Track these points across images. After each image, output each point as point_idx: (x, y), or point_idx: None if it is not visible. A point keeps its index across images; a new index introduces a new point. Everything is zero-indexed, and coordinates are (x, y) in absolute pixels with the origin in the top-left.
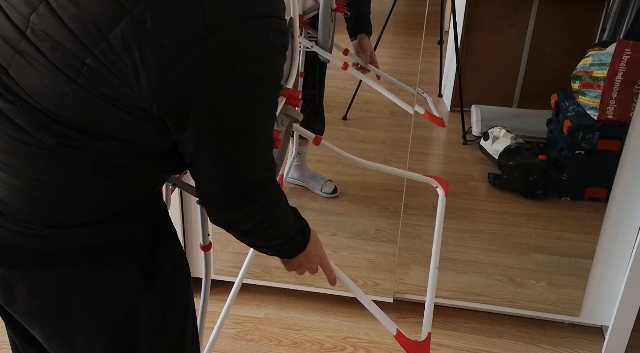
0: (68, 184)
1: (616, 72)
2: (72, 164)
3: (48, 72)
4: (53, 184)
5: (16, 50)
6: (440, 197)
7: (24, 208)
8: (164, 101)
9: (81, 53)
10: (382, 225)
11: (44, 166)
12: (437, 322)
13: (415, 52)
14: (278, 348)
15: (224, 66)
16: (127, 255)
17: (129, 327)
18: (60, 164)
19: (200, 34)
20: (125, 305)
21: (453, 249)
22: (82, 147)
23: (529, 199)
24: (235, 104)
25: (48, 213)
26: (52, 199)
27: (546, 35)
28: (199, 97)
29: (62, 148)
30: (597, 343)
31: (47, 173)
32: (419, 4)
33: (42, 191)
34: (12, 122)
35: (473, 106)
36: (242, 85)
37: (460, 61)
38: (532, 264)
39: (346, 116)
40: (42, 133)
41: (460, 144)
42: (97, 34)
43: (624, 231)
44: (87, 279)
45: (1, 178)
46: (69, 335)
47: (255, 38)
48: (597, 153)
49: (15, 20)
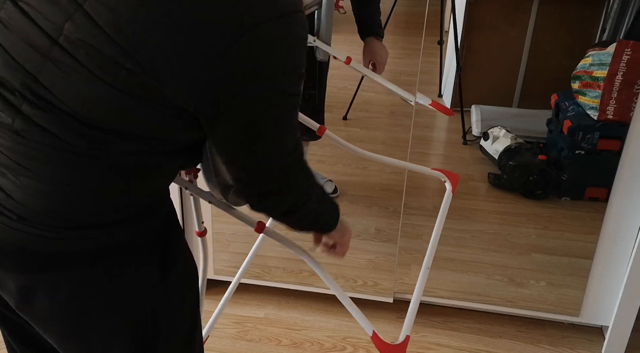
0: (95, 185)
1: (616, 72)
2: (101, 166)
3: (82, 78)
4: (80, 187)
5: (46, 57)
6: (447, 192)
7: (49, 211)
8: (202, 100)
9: (120, 58)
10: (382, 225)
11: (72, 169)
12: (437, 322)
13: (415, 52)
14: (278, 348)
15: (258, 63)
16: (143, 253)
17: (148, 324)
18: (88, 166)
19: (236, 34)
20: (144, 303)
21: (453, 249)
22: (113, 149)
23: (529, 199)
24: (268, 98)
25: (72, 215)
26: (77, 201)
27: (546, 35)
28: (235, 95)
29: (92, 151)
30: (597, 343)
31: (74, 176)
32: (419, 4)
33: (68, 194)
34: (41, 128)
35: (473, 106)
36: (275, 80)
37: (460, 61)
38: (532, 264)
39: (346, 116)
40: (73, 137)
41: (460, 144)
42: (135, 38)
43: (624, 231)
44: (105, 279)
45: (24, 183)
46: (87, 336)
47: (284, 34)
48: (597, 153)
49: (45, 28)
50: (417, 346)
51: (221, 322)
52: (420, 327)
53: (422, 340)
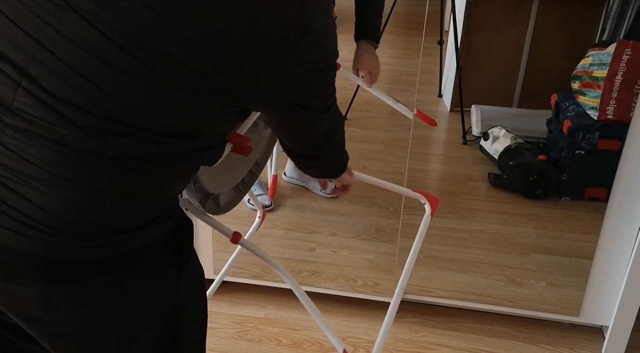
0: (132, 190)
1: (616, 72)
2: (137, 169)
3: (148, 84)
4: (117, 192)
5: (114, 67)
6: (426, 215)
7: (84, 220)
8: (270, 96)
9: (189, 60)
10: (382, 225)
11: (110, 175)
12: (437, 322)
13: (415, 52)
14: (278, 348)
15: (321, 53)
16: (161, 254)
17: (173, 323)
18: (125, 172)
19: (303, 27)
20: (165, 303)
21: (453, 249)
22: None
23: (529, 199)
24: (325, 82)
25: (107, 222)
26: (114, 207)
27: (546, 35)
28: (301, 85)
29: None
30: (597, 343)
31: (112, 181)
32: (419, 4)
33: (105, 201)
34: (96, 139)
35: (473, 106)
36: (330, 65)
37: (460, 61)
38: (532, 264)
39: (346, 116)
40: (125, 145)
41: (460, 144)
42: (206, 38)
43: (624, 231)
44: (127, 285)
45: (59, 193)
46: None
47: (330, 23)
48: (597, 153)
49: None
50: (417, 346)
51: (221, 322)
52: (420, 327)
53: (422, 340)
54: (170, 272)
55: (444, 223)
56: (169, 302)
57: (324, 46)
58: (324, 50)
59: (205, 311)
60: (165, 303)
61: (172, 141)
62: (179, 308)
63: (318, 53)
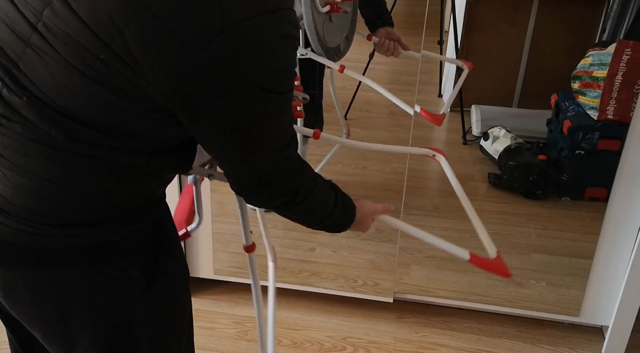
0: (75, 183)
1: (616, 72)
2: (80, 162)
3: (59, 66)
4: (59, 183)
5: (27, 44)
6: (443, 162)
7: (30, 206)
8: (179, 96)
9: (96, 48)
10: (382, 225)
11: (51, 164)
12: (437, 322)
13: (416, 52)
14: (278, 349)
15: (240, 60)
16: (129, 257)
17: (126, 330)
18: (67, 162)
19: (218, 29)
20: (123, 308)
21: None
22: (90, 142)
23: (529, 199)
24: (252, 96)
25: (53, 212)
26: (58, 198)
27: (546, 35)
28: (215, 91)
29: (71, 143)
30: (597, 343)
31: (54, 171)
32: (419, 4)
33: (48, 190)
34: (21, 116)
35: (473, 106)
36: (258, 78)
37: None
38: (532, 264)
39: (346, 116)
40: (50, 127)
41: (460, 144)
42: (113, 29)
43: (624, 231)
44: (88, 280)
45: (7, 176)
46: (67, 335)
47: (270, 31)
48: (597, 153)
49: (26, 14)
50: (417, 346)
51: (221, 322)
52: (420, 327)
53: (422, 340)
54: (137, 279)
55: (444, 223)
56: (129, 308)
57: (255, 55)
58: (256, 61)
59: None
60: (124, 308)
61: (87, 132)
62: (139, 318)
63: (246, 61)
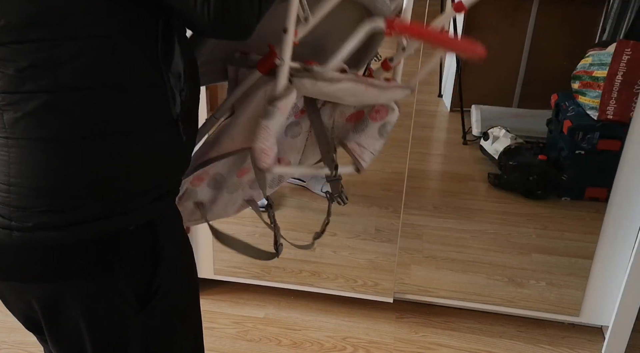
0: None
1: (616, 72)
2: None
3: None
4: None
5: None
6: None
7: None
8: None
9: None
10: (382, 225)
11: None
12: (437, 322)
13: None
14: (278, 348)
15: None
16: (123, 277)
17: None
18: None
19: None
20: (115, 329)
21: (453, 249)
22: (61, 48)
23: (529, 199)
24: None
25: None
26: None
27: (546, 35)
28: None
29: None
30: (597, 343)
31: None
32: (419, 4)
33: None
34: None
35: (473, 106)
36: None
37: (460, 61)
38: (532, 264)
39: None
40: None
41: (460, 144)
42: None
43: (624, 231)
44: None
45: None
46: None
47: None
48: (597, 153)
49: None
50: (417, 346)
51: (221, 322)
52: (420, 327)
53: (422, 340)
54: (130, 301)
55: (444, 223)
56: (118, 330)
57: None
58: None
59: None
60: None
61: (48, 34)
62: (130, 339)
63: None
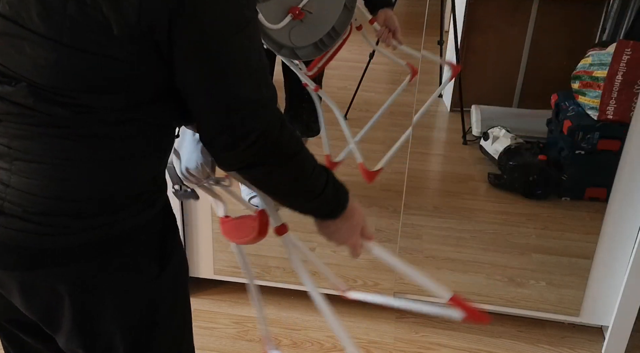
0: (88, 160)
1: (616, 72)
2: (89, 134)
3: (33, 45)
4: (67, 159)
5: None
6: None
7: (48, 193)
8: (150, 20)
9: (59, 5)
10: (382, 225)
11: (60, 141)
12: (437, 322)
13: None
14: (278, 348)
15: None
16: (142, 246)
17: (149, 317)
18: (79, 137)
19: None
20: (143, 296)
21: (453, 249)
22: (92, 109)
23: (529, 199)
24: (218, 8)
25: (71, 195)
26: (71, 178)
27: (546, 35)
28: (181, 4)
29: (75, 116)
30: (597, 343)
31: (62, 148)
32: (419, 4)
33: (60, 170)
34: (18, 105)
35: (473, 106)
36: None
37: (460, 61)
38: (532, 264)
39: (346, 116)
40: (49, 107)
41: (460, 144)
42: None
43: (624, 231)
44: (105, 274)
45: (21, 168)
46: (92, 330)
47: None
48: (597, 153)
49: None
50: (417, 346)
51: (221, 322)
52: (420, 326)
53: (422, 340)
54: (151, 267)
55: (444, 223)
56: (147, 296)
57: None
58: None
59: (185, 310)
60: (143, 296)
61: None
62: (158, 303)
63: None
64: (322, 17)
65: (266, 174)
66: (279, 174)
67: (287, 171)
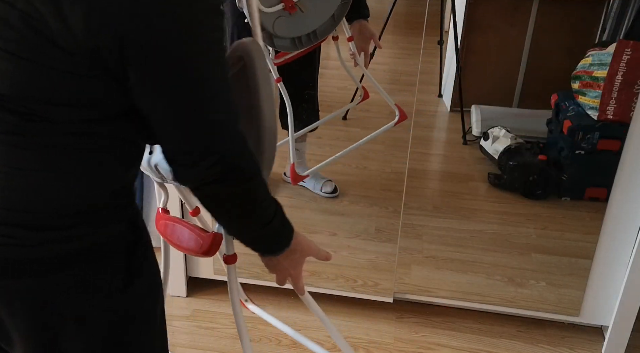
0: (43, 167)
1: (616, 72)
2: (44, 143)
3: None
4: (30, 169)
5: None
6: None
7: (1, 201)
8: (99, 39)
9: (3, 16)
10: (382, 225)
11: (18, 151)
12: (437, 322)
13: (415, 52)
14: (278, 348)
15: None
16: (102, 263)
17: (115, 336)
18: (34, 146)
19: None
20: (107, 315)
21: (453, 249)
22: (47, 120)
23: (529, 199)
24: (175, 31)
25: (28, 207)
26: (31, 189)
27: (546, 35)
28: (134, 27)
29: (28, 124)
30: (597, 343)
31: (18, 158)
32: (419, 4)
33: (20, 179)
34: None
35: (473, 106)
36: (179, 9)
37: (460, 61)
38: (532, 264)
39: (346, 116)
40: (1, 114)
41: (460, 144)
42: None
43: (624, 231)
44: (60, 292)
45: None
46: (52, 350)
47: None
48: (597, 153)
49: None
50: (417, 346)
51: (221, 322)
52: (420, 326)
53: (422, 340)
54: (116, 281)
55: (444, 223)
56: (109, 316)
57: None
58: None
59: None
60: (103, 317)
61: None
62: (122, 324)
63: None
64: (310, 18)
65: (220, 194)
66: (233, 195)
67: (241, 193)
